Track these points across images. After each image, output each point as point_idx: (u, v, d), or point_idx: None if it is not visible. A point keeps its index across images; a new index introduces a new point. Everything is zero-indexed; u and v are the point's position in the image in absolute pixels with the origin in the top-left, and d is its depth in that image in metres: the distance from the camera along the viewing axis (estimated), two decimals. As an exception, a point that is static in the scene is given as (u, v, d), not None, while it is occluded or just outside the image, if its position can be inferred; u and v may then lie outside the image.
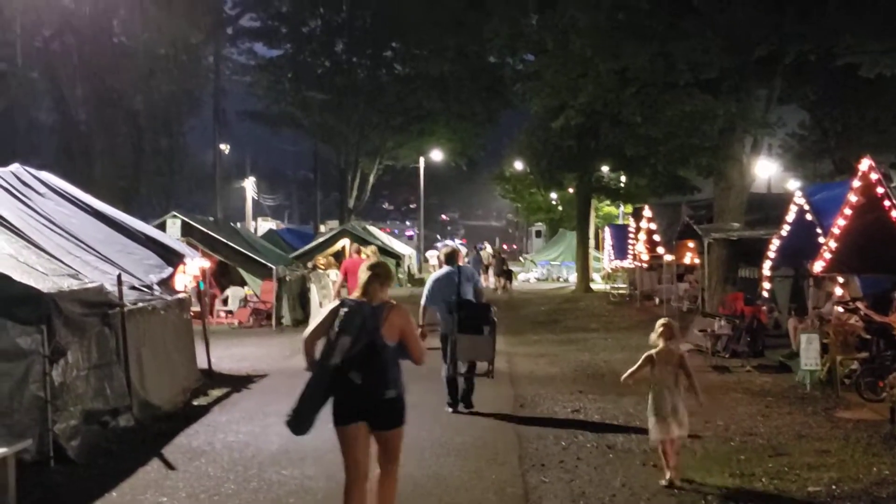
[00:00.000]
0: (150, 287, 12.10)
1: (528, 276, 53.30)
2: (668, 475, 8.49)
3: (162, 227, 22.51)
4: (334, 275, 26.54)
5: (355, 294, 6.76)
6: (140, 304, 11.28)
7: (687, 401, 8.72)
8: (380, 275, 6.76)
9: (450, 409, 12.06)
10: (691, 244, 26.31)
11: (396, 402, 6.52)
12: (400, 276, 40.43)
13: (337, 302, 6.79)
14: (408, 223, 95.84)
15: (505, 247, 74.60)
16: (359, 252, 24.21)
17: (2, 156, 27.22)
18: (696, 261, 26.32)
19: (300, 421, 6.42)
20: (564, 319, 26.76)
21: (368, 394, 6.37)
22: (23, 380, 8.82)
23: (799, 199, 17.33)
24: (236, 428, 11.07)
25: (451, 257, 12.54)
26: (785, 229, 17.95)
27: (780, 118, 25.52)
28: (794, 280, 19.57)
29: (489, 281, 40.37)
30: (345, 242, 38.22)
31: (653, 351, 8.78)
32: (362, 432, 6.48)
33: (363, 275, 6.73)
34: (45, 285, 9.05)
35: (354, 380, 6.29)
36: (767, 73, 23.42)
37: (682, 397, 8.66)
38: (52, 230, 11.42)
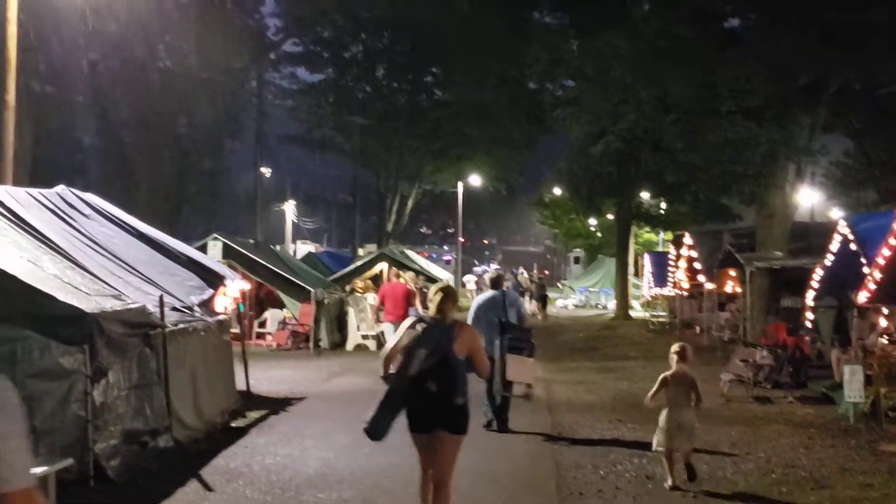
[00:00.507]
0: (190, 308, 12.15)
1: (567, 302, 53.12)
2: (669, 481, 9.40)
3: (203, 248, 22.65)
4: (372, 298, 26.58)
5: (430, 312, 7.55)
6: (181, 326, 11.32)
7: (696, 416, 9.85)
8: (451, 295, 7.61)
9: (489, 425, 12.50)
10: (733, 272, 26.10)
11: (464, 408, 7.21)
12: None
13: (413, 319, 7.65)
14: (445, 248, 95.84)
15: (538, 272, 74.38)
16: (398, 277, 24.37)
17: (47, 177, 27.55)
18: (738, 289, 26.12)
19: (378, 427, 7.00)
20: (603, 347, 26.61)
21: (442, 400, 7.07)
22: (65, 399, 8.88)
23: (843, 228, 17.12)
24: (274, 450, 11.07)
25: (497, 282, 13.29)
26: (828, 259, 17.75)
27: (823, 146, 25.36)
28: (838, 310, 19.32)
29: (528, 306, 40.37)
30: (383, 266, 38.18)
31: (668, 373, 9.86)
32: (433, 437, 7.16)
33: (436, 296, 7.52)
34: (88, 305, 9.11)
35: (430, 388, 6.98)
36: (811, 101, 23.30)
37: (693, 415, 9.72)
38: (96, 251, 11.51)
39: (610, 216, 48.99)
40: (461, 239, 65.97)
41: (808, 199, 36.15)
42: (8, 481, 2.92)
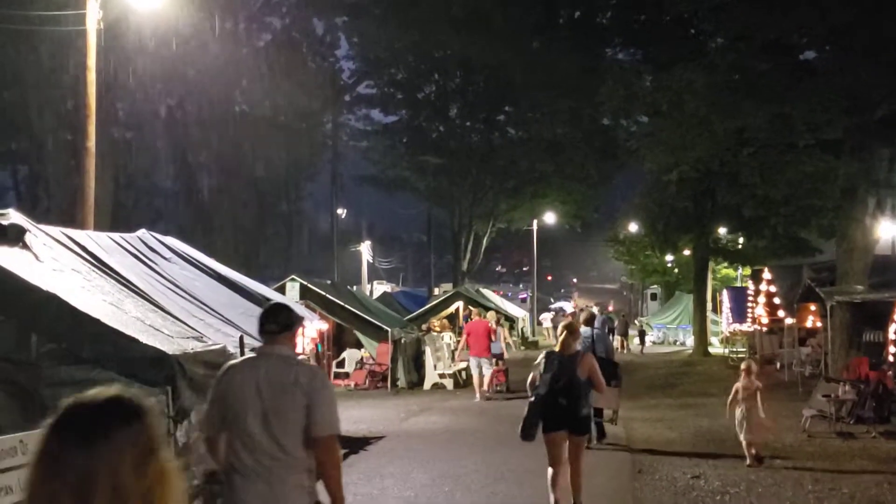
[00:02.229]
0: (270, 349, 12.28)
1: (648, 338, 52.61)
2: (748, 461, 12.91)
3: (282, 290, 22.94)
4: (448, 337, 26.64)
5: (557, 346, 10.12)
6: (261, 366, 11.44)
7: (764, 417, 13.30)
8: (573, 332, 10.18)
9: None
10: (813, 307, 25.70)
11: (588, 417, 10.28)
12: (514, 338, 40.23)
13: (545, 353, 10.23)
14: (521, 286, 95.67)
15: (610, 308, 73.76)
16: (479, 316, 24.79)
17: (127, 222, 28.16)
18: (819, 324, 25.70)
19: (528, 433, 9.69)
20: (682, 384, 26.32)
21: (570, 411, 9.63)
22: (148, 440, 9.00)
23: (926, 260, 16.83)
24: (354, 489, 11.10)
25: (590, 321, 15.46)
26: (911, 292, 17.44)
27: (901, 177, 24.90)
28: (922, 344, 18.93)
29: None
30: (458, 305, 38.32)
31: (738, 384, 13.47)
32: (562, 437, 9.71)
33: (562, 333, 10.18)
34: (170, 347, 9.26)
35: (562, 402, 9.56)
36: (890, 133, 22.95)
37: (758, 415, 13.18)
38: (176, 293, 11.71)
39: (686, 252, 48.53)
40: (547, 277, 65.76)
41: (888, 231, 35.46)
42: (321, 427, 5.09)
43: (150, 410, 2.36)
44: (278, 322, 5.56)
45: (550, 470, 9.72)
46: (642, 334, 46.07)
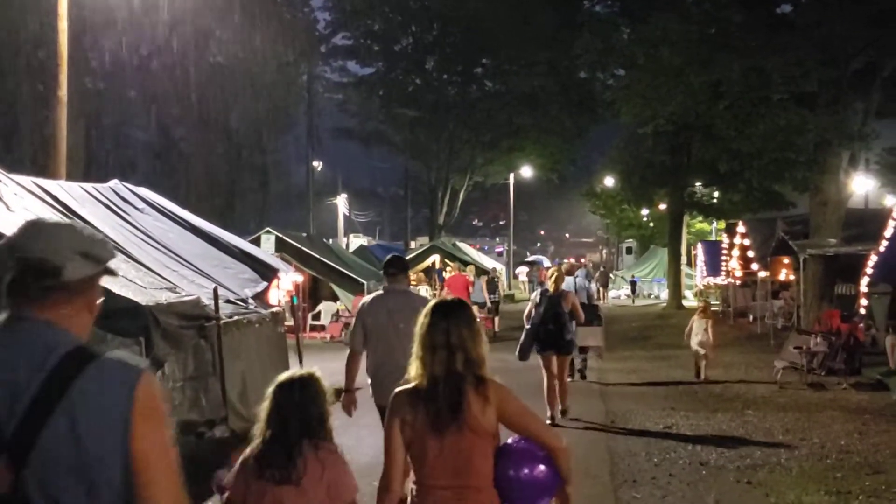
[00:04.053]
0: (245, 301, 12.26)
1: (619, 292, 52.87)
2: (701, 376, 16.96)
3: (257, 242, 22.87)
4: (424, 290, 26.68)
5: (549, 285, 12.77)
6: (235, 318, 11.41)
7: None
8: (560, 277, 12.99)
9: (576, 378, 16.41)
10: (786, 260, 25.88)
11: (571, 342, 12.75)
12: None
13: (540, 289, 13.06)
14: (497, 239, 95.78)
15: (583, 260, 74.11)
16: (459, 270, 25.01)
17: (100, 173, 27.93)
18: (792, 277, 25.89)
19: (524, 353, 12.37)
20: (656, 336, 26.49)
21: (558, 335, 12.31)
22: (121, 390, 8.98)
23: (898, 213, 16.94)
24: (330, 440, 11.14)
25: (571, 271, 17.60)
26: (883, 245, 17.55)
27: (874, 131, 24.97)
28: (892, 297, 19.10)
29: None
30: (435, 258, 38.36)
31: (694, 318, 17.39)
32: (552, 355, 12.34)
33: (552, 276, 12.92)
34: (143, 298, 9.22)
35: (551, 328, 12.26)
36: (864, 87, 23.01)
37: (710, 341, 16.94)
38: (149, 244, 11.64)
39: (662, 206, 48.68)
40: (539, 232, 65.74)
41: (862, 185, 35.67)
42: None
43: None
44: (396, 267, 8.06)
45: (545, 379, 12.26)
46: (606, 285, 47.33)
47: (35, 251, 2.47)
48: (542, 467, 3.85)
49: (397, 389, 4.06)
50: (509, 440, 3.97)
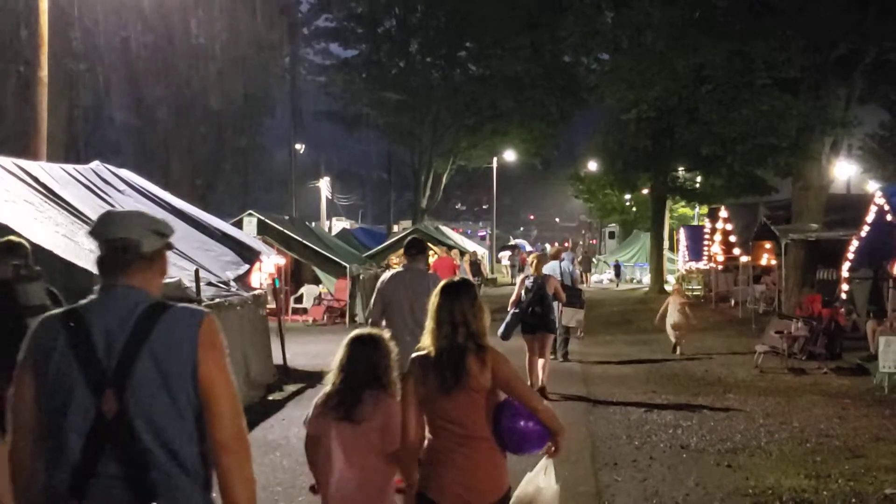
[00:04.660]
0: (226, 283, 12.25)
1: (602, 277, 52.92)
2: (677, 352, 18.48)
3: (239, 225, 22.82)
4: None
5: (530, 271, 13.59)
6: (217, 300, 11.41)
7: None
8: (542, 261, 14.12)
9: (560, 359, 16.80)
10: (768, 245, 25.95)
11: (553, 322, 13.70)
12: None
13: (523, 275, 13.84)
14: (480, 224, 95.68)
15: (567, 244, 74.35)
16: (445, 253, 25.20)
17: (82, 155, 27.77)
18: (773, 262, 25.97)
19: (508, 334, 12.96)
20: (637, 320, 26.51)
21: (541, 316, 13.10)
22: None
23: (879, 199, 16.99)
24: (312, 423, 11.14)
25: (556, 256, 17.87)
26: (864, 230, 17.63)
27: (855, 117, 25.03)
28: (873, 282, 19.15)
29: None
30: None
31: (669, 299, 18.83)
32: (534, 335, 13.09)
33: (534, 261, 13.75)
34: (124, 280, 9.17)
35: (536, 310, 13.01)
36: (847, 73, 23.05)
37: (686, 319, 18.42)
38: (131, 226, 11.57)
39: (645, 191, 48.73)
40: (530, 216, 65.72)
41: (844, 171, 35.78)
42: None
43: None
44: (416, 248, 8.88)
45: (528, 357, 13.07)
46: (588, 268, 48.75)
47: (116, 233, 3.21)
48: (532, 422, 4.57)
49: (413, 355, 4.69)
50: (507, 398, 4.65)
